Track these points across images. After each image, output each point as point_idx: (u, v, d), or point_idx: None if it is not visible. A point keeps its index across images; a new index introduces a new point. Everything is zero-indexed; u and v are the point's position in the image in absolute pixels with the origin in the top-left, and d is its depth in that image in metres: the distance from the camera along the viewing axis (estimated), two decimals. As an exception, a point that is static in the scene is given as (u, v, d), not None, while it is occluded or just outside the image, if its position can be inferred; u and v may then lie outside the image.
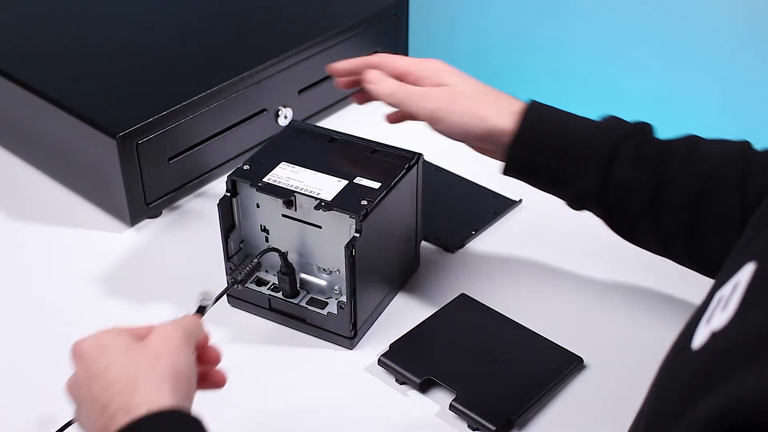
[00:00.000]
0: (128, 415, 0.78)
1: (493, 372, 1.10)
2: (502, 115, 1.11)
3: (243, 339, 1.17)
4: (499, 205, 1.36)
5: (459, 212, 1.36)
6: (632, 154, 1.07)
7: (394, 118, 1.24)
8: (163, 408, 0.78)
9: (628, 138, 1.08)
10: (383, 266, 1.18)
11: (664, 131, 1.78)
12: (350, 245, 1.08)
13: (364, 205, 1.09)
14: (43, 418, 1.07)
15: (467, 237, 1.32)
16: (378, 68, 1.17)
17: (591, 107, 1.86)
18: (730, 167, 1.05)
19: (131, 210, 1.33)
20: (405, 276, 1.25)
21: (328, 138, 1.21)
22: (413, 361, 1.11)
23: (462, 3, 1.96)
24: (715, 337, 0.66)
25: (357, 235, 1.08)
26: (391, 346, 1.14)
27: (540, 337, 1.14)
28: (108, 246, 1.32)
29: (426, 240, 1.29)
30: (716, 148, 1.08)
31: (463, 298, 1.21)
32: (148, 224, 1.36)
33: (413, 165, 1.17)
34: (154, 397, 0.79)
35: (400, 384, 1.11)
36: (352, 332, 1.14)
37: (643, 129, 1.10)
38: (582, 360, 1.12)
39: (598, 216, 1.12)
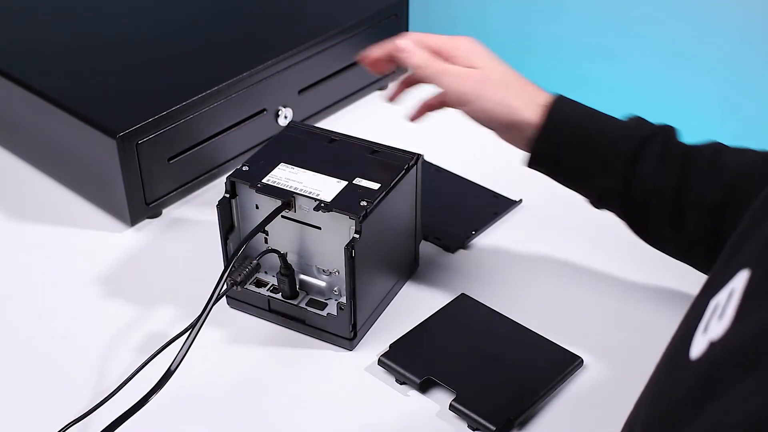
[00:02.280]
0: None
1: (493, 372, 1.10)
2: (529, 106, 1.11)
3: (242, 340, 1.18)
4: (499, 205, 1.37)
5: (459, 212, 1.36)
6: (657, 154, 1.08)
7: (417, 115, 1.25)
8: None
9: (653, 138, 1.09)
10: (383, 267, 1.19)
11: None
12: (350, 246, 1.08)
13: (364, 206, 1.09)
14: (43, 419, 1.07)
15: (467, 237, 1.32)
16: (403, 53, 1.17)
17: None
18: (752, 177, 1.05)
19: (131, 210, 1.34)
20: (405, 277, 1.25)
21: (327, 139, 1.22)
22: (413, 361, 1.12)
23: (462, 3, 1.96)
24: (713, 346, 0.65)
25: (357, 236, 1.08)
26: (391, 346, 1.14)
27: (540, 336, 1.15)
28: (108, 246, 1.33)
29: (426, 240, 1.30)
30: (739, 158, 1.08)
31: (463, 298, 1.21)
32: (148, 224, 1.37)
33: (412, 166, 1.17)
34: None
35: (400, 384, 1.11)
36: (352, 333, 1.15)
37: (668, 131, 1.11)
38: (582, 360, 1.12)
39: (619, 216, 1.13)
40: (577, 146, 1.11)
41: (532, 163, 1.14)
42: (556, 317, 1.20)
